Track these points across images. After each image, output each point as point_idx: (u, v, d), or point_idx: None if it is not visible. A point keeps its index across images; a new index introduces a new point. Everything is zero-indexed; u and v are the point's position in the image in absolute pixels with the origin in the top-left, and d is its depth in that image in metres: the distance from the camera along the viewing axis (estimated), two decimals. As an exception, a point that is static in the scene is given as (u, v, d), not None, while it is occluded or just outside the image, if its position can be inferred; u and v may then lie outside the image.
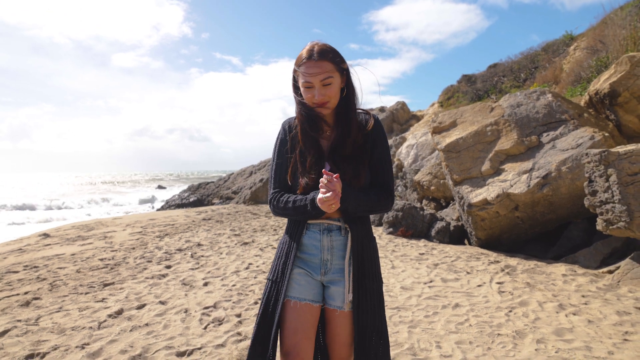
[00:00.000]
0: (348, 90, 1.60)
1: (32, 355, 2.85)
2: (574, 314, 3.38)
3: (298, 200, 1.53)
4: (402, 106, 19.60)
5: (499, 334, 3.06)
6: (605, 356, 2.65)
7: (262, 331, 1.53)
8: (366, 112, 1.67)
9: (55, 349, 2.95)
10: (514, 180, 5.81)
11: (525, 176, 5.73)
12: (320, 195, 1.40)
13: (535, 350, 2.78)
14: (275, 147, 1.68)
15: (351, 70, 1.61)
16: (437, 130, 7.35)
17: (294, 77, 1.61)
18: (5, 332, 3.25)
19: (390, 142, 14.65)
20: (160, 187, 46.71)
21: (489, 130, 6.63)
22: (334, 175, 1.40)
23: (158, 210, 19.45)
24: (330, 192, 1.37)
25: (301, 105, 1.60)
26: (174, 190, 34.56)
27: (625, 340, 2.88)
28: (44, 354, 2.87)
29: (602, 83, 6.15)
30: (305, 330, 1.50)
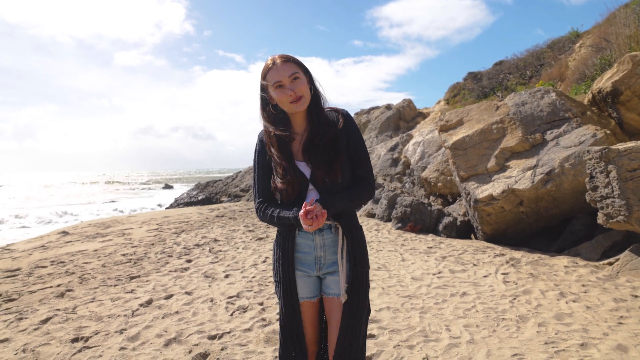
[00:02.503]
0: (314, 92, 1.72)
1: (76, 339, 3.14)
2: (574, 301, 3.62)
3: (283, 214, 1.63)
4: (409, 104, 19.78)
5: (503, 319, 3.30)
6: (601, 337, 2.89)
7: (286, 331, 1.73)
8: (335, 109, 1.74)
9: (97, 333, 3.23)
10: (519, 176, 6.02)
11: (529, 172, 5.94)
12: (301, 212, 1.51)
13: (537, 332, 3.02)
14: (254, 159, 1.77)
15: (313, 76, 1.73)
16: (444, 129, 7.58)
17: (262, 89, 1.67)
18: (47, 319, 3.55)
19: (396, 139, 14.85)
20: (167, 186, 46.97)
21: (495, 128, 6.85)
22: (312, 205, 1.50)
23: (167, 208, 19.83)
24: (312, 220, 1.49)
25: (269, 112, 1.69)
26: (182, 190, 34.93)
27: (620, 323, 3.11)
28: (87, 338, 3.15)
29: (604, 82, 6.34)
30: (311, 322, 1.76)
